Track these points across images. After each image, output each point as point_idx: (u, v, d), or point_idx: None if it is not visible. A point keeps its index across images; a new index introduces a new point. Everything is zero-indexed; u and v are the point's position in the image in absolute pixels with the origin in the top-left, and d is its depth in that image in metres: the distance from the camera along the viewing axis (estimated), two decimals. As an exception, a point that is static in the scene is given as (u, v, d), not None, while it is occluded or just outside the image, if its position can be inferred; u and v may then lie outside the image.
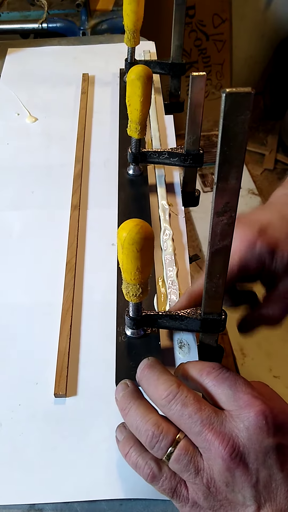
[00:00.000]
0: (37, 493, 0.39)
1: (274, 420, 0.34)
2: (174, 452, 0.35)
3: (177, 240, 0.56)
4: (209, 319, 0.45)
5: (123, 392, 0.39)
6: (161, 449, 0.35)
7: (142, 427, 0.36)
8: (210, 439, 0.34)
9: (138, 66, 0.52)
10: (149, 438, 0.36)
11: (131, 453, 0.37)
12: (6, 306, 0.51)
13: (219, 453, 0.33)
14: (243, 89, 0.28)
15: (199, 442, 0.34)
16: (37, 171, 0.66)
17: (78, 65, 0.84)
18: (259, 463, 0.33)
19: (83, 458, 0.41)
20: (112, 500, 0.39)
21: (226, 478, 0.33)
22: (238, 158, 0.32)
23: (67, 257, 0.55)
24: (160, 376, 0.38)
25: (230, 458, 0.33)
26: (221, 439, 0.34)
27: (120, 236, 0.38)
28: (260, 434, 0.33)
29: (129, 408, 0.38)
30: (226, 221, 0.36)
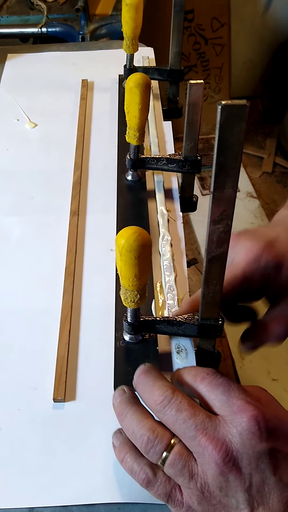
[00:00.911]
0: (36, 497, 0.40)
1: (267, 425, 0.34)
2: (169, 457, 0.35)
3: (175, 245, 0.57)
4: (207, 325, 0.45)
5: (120, 398, 0.40)
6: (156, 453, 0.36)
7: (137, 432, 0.37)
8: (204, 444, 0.34)
9: (137, 74, 0.53)
10: (144, 443, 0.36)
11: (126, 459, 0.37)
12: (5, 311, 0.52)
13: (212, 457, 0.34)
14: (239, 101, 0.29)
15: (193, 447, 0.35)
16: (36, 177, 0.67)
17: (77, 71, 0.85)
18: (252, 468, 0.34)
19: (82, 462, 0.41)
20: (110, 504, 0.40)
21: (219, 482, 0.34)
22: (234, 167, 0.33)
23: (66, 262, 0.55)
24: (155, 382, 0.38)
25: (224, 463, 0.34)
26: (214, 444, 0.34)
27: (119, 243, 0.38)
28: (253, 439, 0.34)
29: (126, 413, 0.38)
30: (223, 229, 0.37)
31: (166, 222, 0.59)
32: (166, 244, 0.57)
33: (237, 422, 0.35)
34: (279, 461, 0.34)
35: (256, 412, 0.34)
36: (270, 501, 0.34)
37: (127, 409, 0.38)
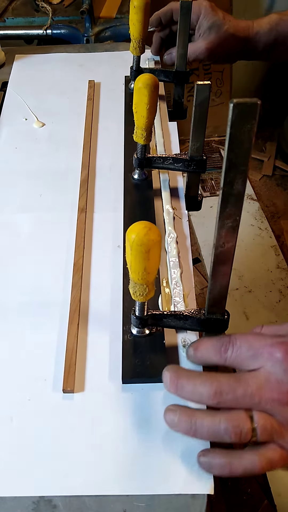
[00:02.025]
0: (46, 486, 0.41)
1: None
2: (257, 429, 0.38)
3: (181, 242, 0.58)
4: (213, 319, 0.46)
5: (176, 418, 0.40)
6: (247, 434, 0.38)
7: (219, 429, 0.38)
8: (269, 397, 0.38)
9: (145, 74, 0.54)
10: (232, 434, 0.38)
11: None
12: (16, 305, 0.53)
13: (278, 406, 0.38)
14: (250, 99, 0.30)
15: (262, 406, 0.38)
16: (44, 175, 0.68)
17: (84, 72, 0.86)
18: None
19: (91, 452, 0.42)
20: (118, 492, 0.41)
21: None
22: (244, 164, 0.34)
23: (74, 258, 0.57)
24: (193, 381, 0.40)
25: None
26: (276, 391, 0.38)
27: (129, 237, 0.39)
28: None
29: (195, 424, 0.39)
30: (231, 224, 0.38)
31: (172, 220, 0.61)
32: (172, 241, 0.58)
33: (275, 365, 0.38)
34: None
35: (282, 346, 0.38)
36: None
37: (192, 420, 0.39)
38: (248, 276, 1.67)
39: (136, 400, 0.45)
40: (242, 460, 0.38)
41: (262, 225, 1.85)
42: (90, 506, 0.40)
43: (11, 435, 0.44)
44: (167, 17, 0.82)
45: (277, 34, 0.78)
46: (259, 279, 1.67)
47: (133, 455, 0.42)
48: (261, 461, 0.38)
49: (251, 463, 0.38)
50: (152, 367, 0.47)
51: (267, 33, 0.78)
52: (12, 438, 0.43)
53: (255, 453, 0.38)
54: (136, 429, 0.43)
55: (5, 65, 0.89)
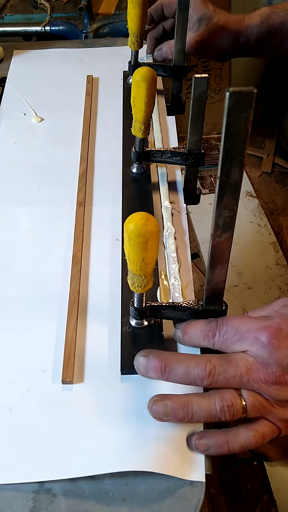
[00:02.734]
0: (45, 472, 0.41)
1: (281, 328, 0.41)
2: (248, 408, 0.40)
3: (179, 237, 0.58)
4: (211, 310, 0.46)
5: (168, 408, 0.41)
6: (239, 412, 0.40)
7: (215, 410, 0.40)
8: (258, 378, 0.40)
9: (143, 68, 0.54)
10: (227, 413, 0.40)
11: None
12: (15, 297, 0.53)
13: (266, 381, 0.40)
14: (246, 88, 0.30)
15: (250, 385, 0.40)
16: (43, 169, 0.68)
17: (82, 67, 0.86)
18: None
19: (90, 442, 0.43)
20: (117, 481, 0.41)
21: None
22: (240, 154, 0.34)
23: (73, 251, 0.57)
24: (187, 363, 0.41)
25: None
26: (261, 370, 0.40)
27: (127, 228, 0.40)
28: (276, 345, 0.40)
29: (192, 409, 0.41)
30: (228, 214, 0.39)
31: (170, 215, 0.61)
32: (170, 235, 0.58)
33: (261, 348, 0.40)
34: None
35: (267, 330, 0.40)
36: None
37: (189, 404, 0.41)
38: (248, 272, 1.67)
39: (135, 390, 0.46)
40: (238, 437, 0.41)
41: (261, 222, 1.85)
42: (90, 495, 0.40)
43: (10, 426, 0.44)
44: (158, 12, 0.82)
45: (269, 26, 0.77)
46: (259, 275, 1.67)
47: (132, 446, 0.42)
48: (255, 436, 0.40)
49: (247, 439, 0.40)
50: (150, 358, 0.47)
51: (258, 25, 0.77)
52: (11, 429, 0.44)
53: (249, 429, 0.41)
54: (135, 419, 0.44)
55: (4, 61, 0.89)
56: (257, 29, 0.77)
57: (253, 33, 0.78)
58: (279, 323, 0.41)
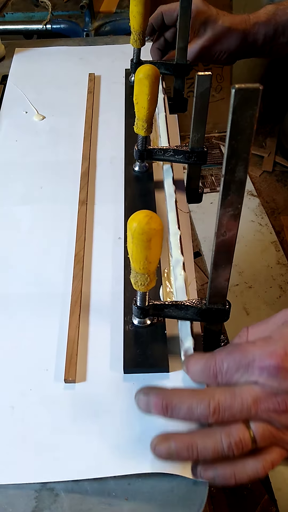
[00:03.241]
0: (48, 472, 0.41)
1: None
2: (257, 440, 0.38)
3: (182, 234, 0.58)
4: (214, 309, 0.46)
5: (173, 449, 0.39)
6: (248, 446, 0.38)
7: (222, 448, 0.38)
8: (267, 408, 0.37)
9: (146, 65, 0.54)
10: (235, 449, 0.37)
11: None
12: (17, 296, 0.53)
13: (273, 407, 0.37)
14: (252, 85, 0.30)
15: (259, 416, 0.38)
16: (45, 168, 0.68)
17: (84, 65, 0.86)
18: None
19: (93, 441, 0.42)
20: (120, 480, 0.41)
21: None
22: (245, 151, 0.34)
23: (75, 250, 0.57)
24: (189, 400, 0.39)
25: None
26: (270, 399, 0.37)
27: (131, 226, 0.39)
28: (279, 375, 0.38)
29: (197, 449, 0.38)
30: (232, 212, 0.38)
31: (174, 204, 0.59)
32: (173, 232, 0.58)
33: (269, 377, 0.37)
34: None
35: (272, 357, 0.37)
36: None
37: (193, 445, 0.38)
38: (249, 272, 1.67)
39: (137, 389, 0.45)
40: (246, 469, 0.38)
41: (262, 221, 1.85)
42: (92, 494, 0.40)
43: (12, 425, 0.44)
44: (158, 21, 0.79)
45: (276, 24, 0.75)
46: (260, 275, 1.67)
47: (134, 445, 0.42)
48: (264, 467, 0.38)
49: (255, 470, 0.38)
50: (153, 357, 0.47)
51: (265, 24, 0.75)
52: (13, 428, 0.43)
53: (258, 460, 0.39)
54: (138, 419, 0.43)
55: (5, 59, 0.89)
56: (265, 28, 0.75)
57: (260, 32, 0.76)
58: (284, 347, 0.37)
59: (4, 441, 0.43)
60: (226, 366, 0.39)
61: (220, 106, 2.14)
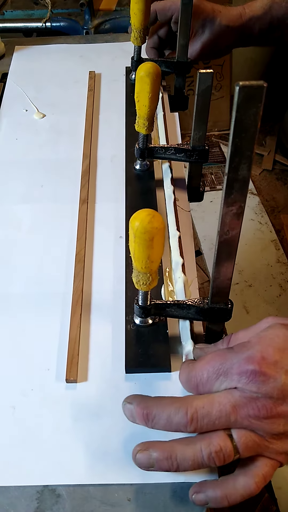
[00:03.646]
0: (50, 475, 0.41)
1: (264, 357, 0.37)
2: (239, 446, 0.37)
3: (183, 233, 0.58)
4: (216, 308, 0.46)
5: (153, 458, 0.38)
6: (230, 455, 0.37)
7: (202, 458, 0.37)
8: (247, 414, 0.36)
9: (148, 63, 0.54)
10: (216, 459, 0.37)
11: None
12: (18, 296, 0.53)
13: (253, 413, 0.36)
14: (256, 82, 0.30)
15: (240, 423, 0.37)
16: (45, 166, 0.67)
17: (84, 63, 0.85)
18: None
19: (95, 441, 0.42)
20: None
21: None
22: (249, 149, 0.34)
23: (76, 249, 0.56)
24: (168, 409, 0.38)
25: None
26: (250, 405, 0.36)
27: (133, 225, 0.39)
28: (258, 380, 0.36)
29: (176, 460, 0.37)
30: (235, 211, 0.38)
31: (172, 206, 0.59)
32: (174, 231, 0.58)
33: (248, 383, 0.36)
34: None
35: (248, 362, 0.36)
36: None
37: (173, 454, 0.38)
38: (248, 270, 1.67)
39: (139, 389, 0.45)
40: (237, 488, 0.37)
41: (262, 220, 1.85)
42: (95, 495, 0.40)
43: (14, 425, 0.43)
44: (151, 19, 0.78)
45: (272, 18, 0.75)
46: (259, 273, 1.66)
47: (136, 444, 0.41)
48: (256, 483, 0.37)
49: (247, 488, 0.37)
50: (155, 357, 0.47)
51: (261, 18, 0.75)
52: (15, 428, 0.43)
53: (248, 476, 0.37)
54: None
55: (5, 57, 0.88)
56: (260, 21, 0.75)
57: (255, 26, 0.76)
58: (261, 351, 0.37)
59: (5, 442, 0.43)
60: (206, 376, 0.39)
61: (220, 104, 2.13)
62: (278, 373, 0.36)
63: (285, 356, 0.36)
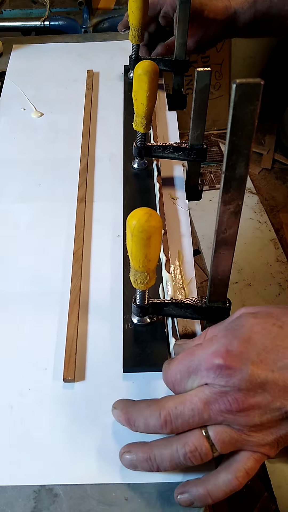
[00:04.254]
0: (47, 475, 0.41)
1: (228, 351, 0.36)
2: (217, 446, 0.36)
3: (181, 232, 0.58)
4: (214, 307, 0.46)
5: (134, 458, 0.39)
6: (207, 454, 0.37)
7: (178, 458, 0.37)
8: (219, 410, 0.36)
9: (145, 61, 0.54)
10: (192, 459, 0.37)
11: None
12: (15, 295, 0.53)
13: (225, 407, 0.36)
14: (253, 80, 0.30)
15: (212, 420, 0.36)
16: (43, 165, 0.67)
17: (82, 62, 0.85)
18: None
19: (92, 440, 0.42)
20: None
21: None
22: (246, 147, 0.33)
23: (74, 248, 0.56)
24: (144, 413, 0.39)
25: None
26: (221, 399, 0.36)
27: (130, 224, 0.39)
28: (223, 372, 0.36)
29: (155, 460, 0.38)
30: (233, 210, 0.38)
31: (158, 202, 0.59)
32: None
33: (216, 377, 0.36)
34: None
35: (214, 356, 0.36)
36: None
37: (152, 454, 0.38)
38: (248, 269, 1.66)
39: (137, 389, 0.45)
40: (219, 485, 0.37)
41: (261, 219, 1.84)
42: (92, 494, 0.40)
43: (11, 424, 0.43)
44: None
45: (256, 12, 0.76)
46: (259, 272, 1.66)
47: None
48: (237, 478, 0.37)
49: (229, 484, 0.37)
50: (153, 356, 0.46)
51: (246, 12, 0.76)
52: (12, 427, 0.43)
53: (229, 472, 0.37)
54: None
55: (3, 55, 0.88)
56: (244, 15, 0.77)
57: (240, 20, 0.77)
58: (225, 344, 0.36)
59: (2, 441, 0.42)
60: (179, 375, 0.38)
61: (219, 103, 2.13)
62: (244, 364, 0.35)
63: (250, 346, 0.36)
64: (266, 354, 0.36)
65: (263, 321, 0.37)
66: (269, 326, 0.37)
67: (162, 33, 0.82)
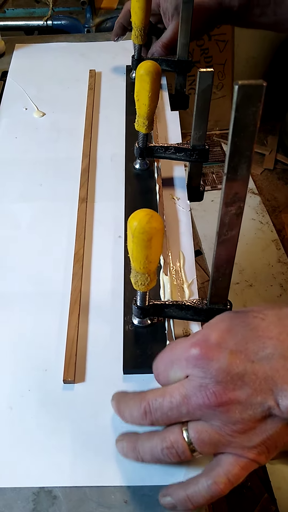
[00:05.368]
0: (47, 477, 0.40)
1: (208, 343, 0.36)
2: (196, 445, 0.36)
3: (183, 232, 0.57)
4: (215, 309, 0.46)
5: (124, 447, 0.39)
6: (184, 452, 0.36)
7: (158, 452, 0.37)
8: (197, 404, 0.35)
9: (147, 61, 0.53)
10: (170, 455, 0.36)
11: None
12: (16, 295, 0.53)
13: (204, 404, 0.35)
14: (256, 81, 0.29)
15: (192, 415, 0.36)
16: (45, 165, 0.67)
17: (85, 62, 0.85)
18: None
19: (92, 442, 0.42)
20: (119, 482, 0.40)
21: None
22: (248, 149, 0.33)
23: (75, 248, 0.56)
24: (128, 404, 0.39)
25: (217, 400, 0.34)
26: (200, 393, 0.35)
27: (131, 225, 0.39)
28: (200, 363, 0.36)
29: (139, 451, 0.38)
30: (235, 211, 0.38)
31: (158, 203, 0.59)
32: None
33: (195, 368, 0.35)
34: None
35: (193, 347, 0.36)
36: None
37: (138, 445, 0.38)
38: (249, 270, 1.66)
39: (137, 390, 0.45)
40: (199, 490, 0.35)
41: (263, 219, 1.84)
42: (91, 497, 0.39)
43: (11, 426, 0.43)
44: (127, 18, 0.78)
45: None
46: (260, 273, 1.66)
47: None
48: (217, 483, 0.35)
49: (208, 489, 0.35)
50: (153, 358, 0.46)
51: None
52: (12, 429, 0.43)
53: (209, 476, 0.35)
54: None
55: (5, 55, 0.88)
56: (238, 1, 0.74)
57: (234, 4, 0.75)
58: (205, 334, 0.36)
59: (2, 443, 0.42)
60: (163, 367, 0.38)
61: (221, 103, 2.12)
62: (222, 353, 0.35)
63: (229, 337, 0.35)
64: (245, 344, 0.35)
65: (243, 314, 0.37)
66: (250, 318, 0.36)
67: (155, 30, 0.82)
